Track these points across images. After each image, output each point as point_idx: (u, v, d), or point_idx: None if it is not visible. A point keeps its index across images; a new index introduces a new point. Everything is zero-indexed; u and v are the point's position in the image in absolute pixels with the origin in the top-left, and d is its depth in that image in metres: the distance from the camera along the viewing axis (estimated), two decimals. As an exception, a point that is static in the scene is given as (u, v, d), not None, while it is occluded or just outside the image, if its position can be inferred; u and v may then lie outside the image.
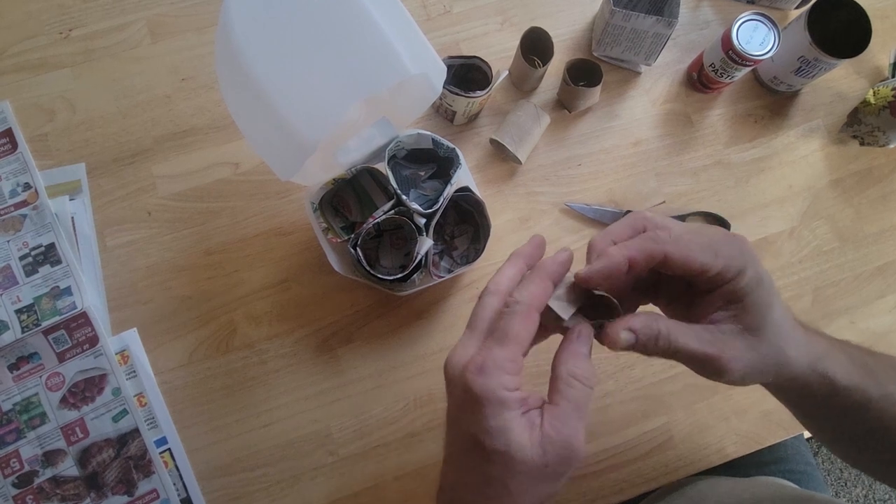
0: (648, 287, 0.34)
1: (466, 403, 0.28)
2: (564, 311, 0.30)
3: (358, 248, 0.45)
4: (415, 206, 0.45)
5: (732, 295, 0.29)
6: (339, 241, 0.46)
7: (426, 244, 0.45)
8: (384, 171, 0.45)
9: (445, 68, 0.37)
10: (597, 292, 0.30)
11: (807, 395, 0.32)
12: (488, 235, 0.48)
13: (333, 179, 0.46)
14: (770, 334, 0.30)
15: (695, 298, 0.32)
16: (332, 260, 0.47)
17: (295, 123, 0.31)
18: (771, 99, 0.60)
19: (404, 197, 0.44)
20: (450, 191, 0.46)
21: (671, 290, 0.34)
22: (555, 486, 0.28)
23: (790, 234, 0.58)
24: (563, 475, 0.28)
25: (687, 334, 0.29)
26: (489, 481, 0.28)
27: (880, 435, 0.33)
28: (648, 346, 0.29)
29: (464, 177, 0.49)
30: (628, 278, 0.30)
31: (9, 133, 0.53)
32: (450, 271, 0.49)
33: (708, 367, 0.29)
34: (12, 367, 0.48)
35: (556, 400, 0.28)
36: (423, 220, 0.46)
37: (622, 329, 0.29)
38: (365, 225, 0.45)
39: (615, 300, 0.30)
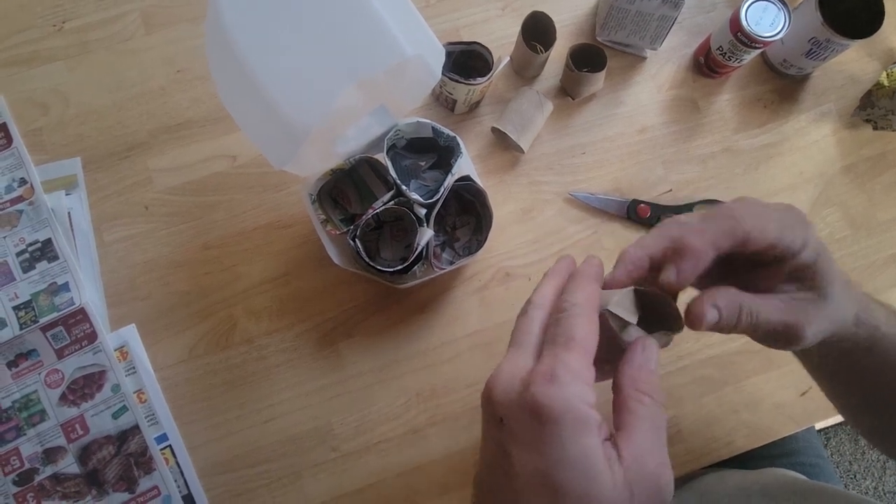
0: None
1: (532, 428, 0.22)
2: (630, 314, 0.26)
3: (357, 240, 0.44)
4: (415, 196, 0.44)
5: (800, 267, 0.29)
6: (338, 233, 0.45)
7: (426, 235, 0.44)
8: (383, 162, 0.44)
9: (444, 50, 0.36)
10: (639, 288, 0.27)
11: (850, 348, 0.32)
12: (490, 226, 0.47)
13: (331, 170, 0.45)
14: (835, 296, 0.29)
15: (750, 273, 0.30)
16: (332, 252, 0.46)
17: (286, 108, 0.30)
18: (780, 83, 0.58)
19: (404, 187, 0.43)
20: (450, 180, 0.45)
21: (720, 271, 0.31)
22: None
23: (801, 221, 0.56)
24: None
25: (767, 306, 0.28)
26: None
27: None
28: (730, 323, 0.27)
29: (465, 165, 0.48)
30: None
31: (3, 128, 0.52)
32: (451, 263, 0.48)
33: (785, 336, 0.28)
34: (11, 365, 0.48)
35: (630, 420, 0.23)
36: (423, 211, 0.45)
37: (708, 305, 0.26)
38: (364, 216, 0.44)
39: (671, 299, 0.27)
